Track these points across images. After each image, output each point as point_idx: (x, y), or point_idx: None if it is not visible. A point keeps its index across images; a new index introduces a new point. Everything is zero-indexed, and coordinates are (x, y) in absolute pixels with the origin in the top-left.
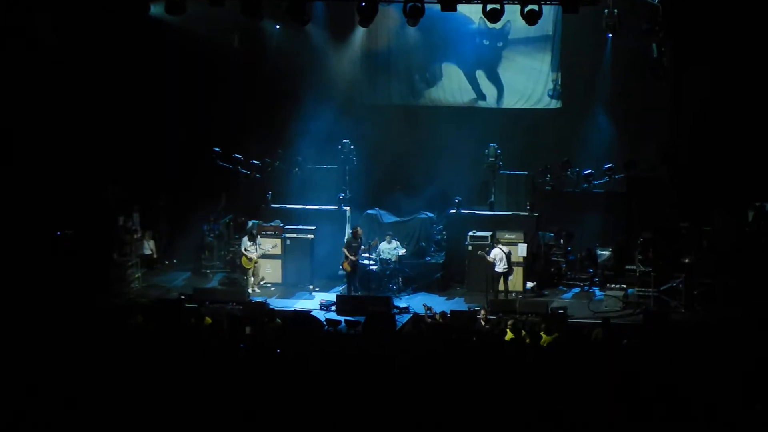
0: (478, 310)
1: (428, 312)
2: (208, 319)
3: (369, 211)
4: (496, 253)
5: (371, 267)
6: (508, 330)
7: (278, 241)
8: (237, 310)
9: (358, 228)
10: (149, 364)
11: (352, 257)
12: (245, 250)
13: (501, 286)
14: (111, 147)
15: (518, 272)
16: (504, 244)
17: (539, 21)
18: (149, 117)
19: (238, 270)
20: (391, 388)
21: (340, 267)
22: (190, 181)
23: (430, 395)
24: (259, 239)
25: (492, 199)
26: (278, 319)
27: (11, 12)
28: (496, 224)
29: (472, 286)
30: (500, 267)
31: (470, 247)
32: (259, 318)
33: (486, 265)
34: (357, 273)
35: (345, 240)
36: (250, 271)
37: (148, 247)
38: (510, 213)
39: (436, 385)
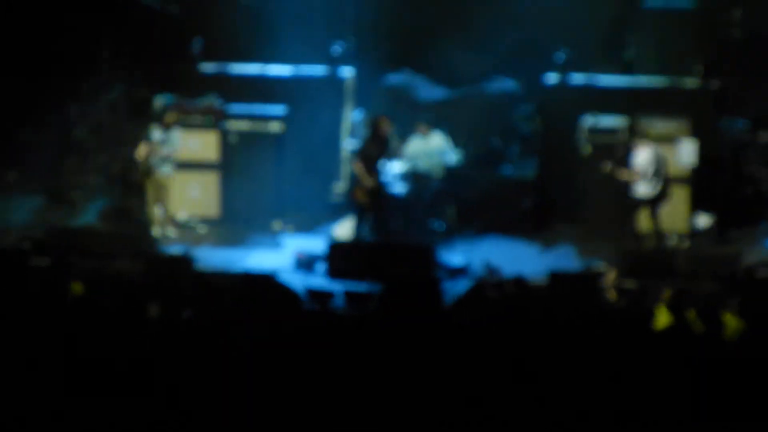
0: (603, 271)
1: (490, 274)
2: (78, 287)
3: (392, 78)
4: (644, 160)
5: (395, 187)
6: (661, 308)
7: (213, 137)
8: (134, 269)
9: (383, 119)
10: None
11: (369, 180)
12: (150, 151)
13: (647, 223)
14: None
15: (680, 196)
16: (654, 141)
17: None
18: None
19: (134, 192)
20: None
21: (334, 192)
22: (40, 17)
23: None
24: (173, 131)
25: (629, 55)
26: (214, 288)
27: None
28: (637, 103)
29: (592, 223)
30: (647, 186)
31: (588, 148)
32: (175, 286)
33: (620, 182)
34: (379, 208)
35: (356, 143)
36: (162, 194)
37: None
38: (664, 81)
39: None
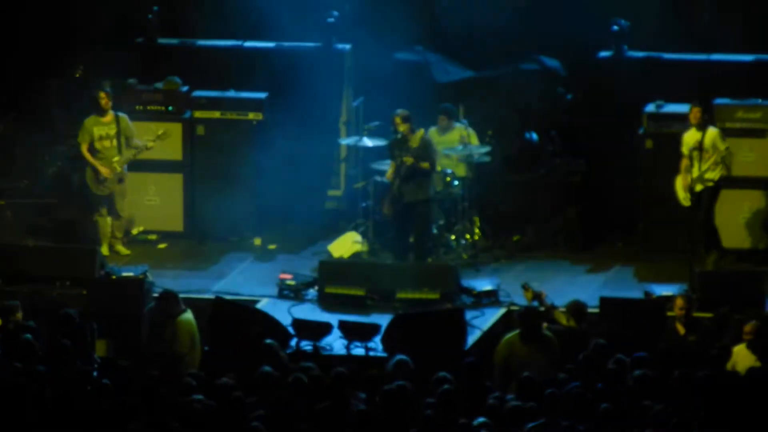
0: (670, 297)
1: (533, 299)
2: None
3: (401, 55)
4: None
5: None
6: (742, 345)
7: (176, 128)
8: (72, 299)
9: (401, 114)
10: None
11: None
12: (93, 143)
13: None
14: None
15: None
16: (732, 132)
17: None
18: None
19: (77, 200)
20: None
21: (329, 197)
22: None
23: None
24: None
25: (704, 23)
26: (186, 313)
27: None
28: (712, 81)
29: (653, 237)
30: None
31: (648, 142)
32: (128, 319)
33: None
34: (419, 227)
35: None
36: (103, 205)
37: None
38: (749, 56)
39: None
